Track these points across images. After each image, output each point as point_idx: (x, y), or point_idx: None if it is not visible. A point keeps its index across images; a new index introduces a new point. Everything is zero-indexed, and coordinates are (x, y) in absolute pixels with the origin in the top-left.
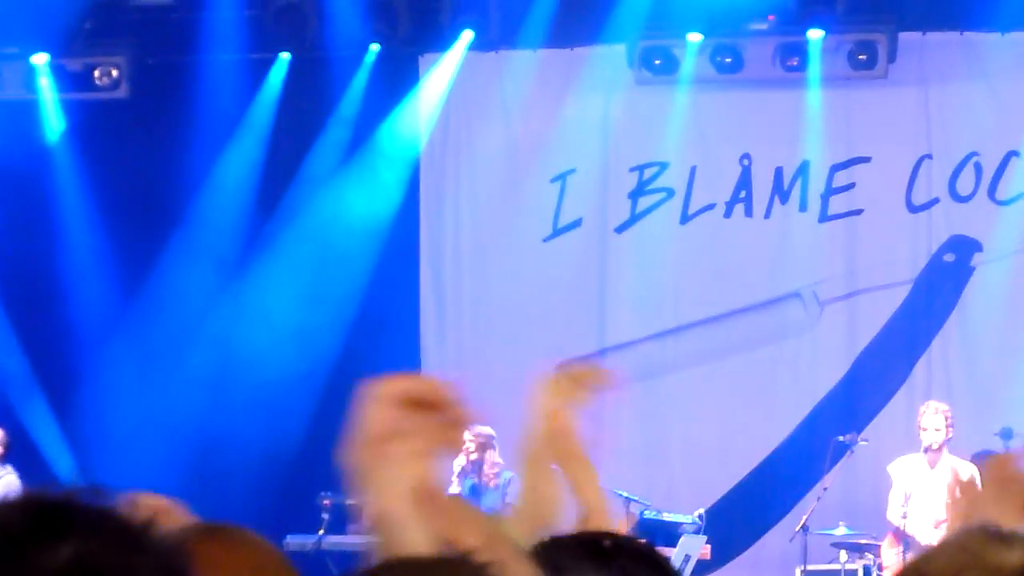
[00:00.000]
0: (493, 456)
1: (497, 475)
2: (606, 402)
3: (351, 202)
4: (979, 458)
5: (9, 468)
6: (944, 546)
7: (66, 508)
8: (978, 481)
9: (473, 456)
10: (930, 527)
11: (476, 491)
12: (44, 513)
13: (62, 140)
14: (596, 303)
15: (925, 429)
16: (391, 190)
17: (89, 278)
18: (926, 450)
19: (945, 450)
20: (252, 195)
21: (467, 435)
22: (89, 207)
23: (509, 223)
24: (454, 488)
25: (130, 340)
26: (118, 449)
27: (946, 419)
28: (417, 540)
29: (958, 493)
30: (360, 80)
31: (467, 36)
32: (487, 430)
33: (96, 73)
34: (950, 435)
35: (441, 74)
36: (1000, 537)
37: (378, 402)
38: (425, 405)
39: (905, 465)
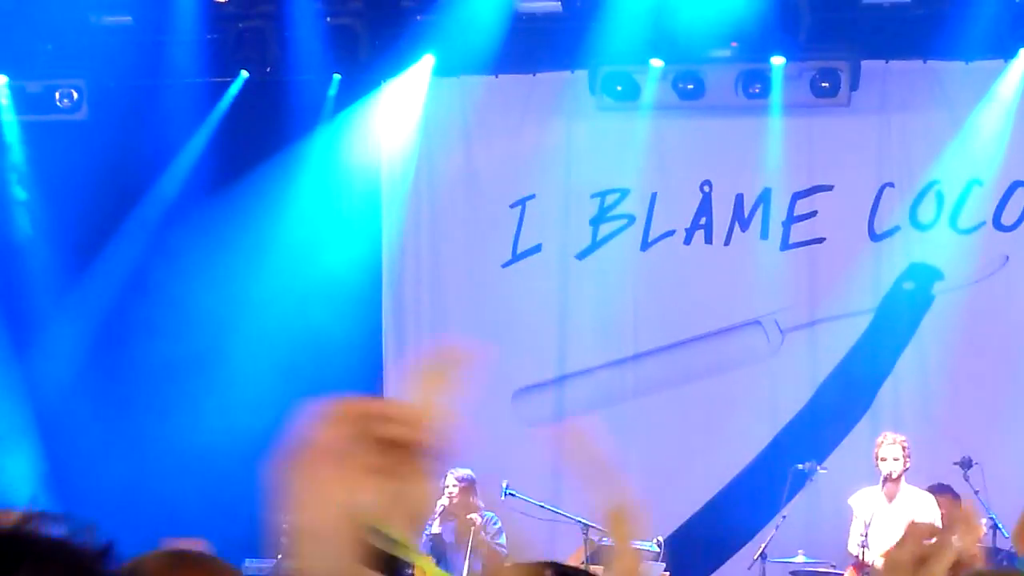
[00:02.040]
0: (475, 500)
1: (486, 521)
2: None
3: (311, 227)
4: (935, 491)
5: None
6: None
7: (17, 539)
8: (935, 511)
9: (456, 500)
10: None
11: (452, 532)
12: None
13: (21, 161)
14: (556, 329)
15: (884, 459)
16: (352, 214)
17: (42, 300)
18: (884, 481)
19: (903, 480)
20: (208, 219)
21: (450, 478)
22: (46, 228)
23: (469, 248)
24: (434, 529)
25: (86, 365)
26: (75, 471)
27: (903, 449)
28: (337, 565)
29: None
30: (321, 104)
31: (428, 61)
32: (466, 472)
33: (56, 95)
34: (907, 465)
35: (402, 99)
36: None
37: (333, 420)
38: (389, 431)
39: (864, 497)
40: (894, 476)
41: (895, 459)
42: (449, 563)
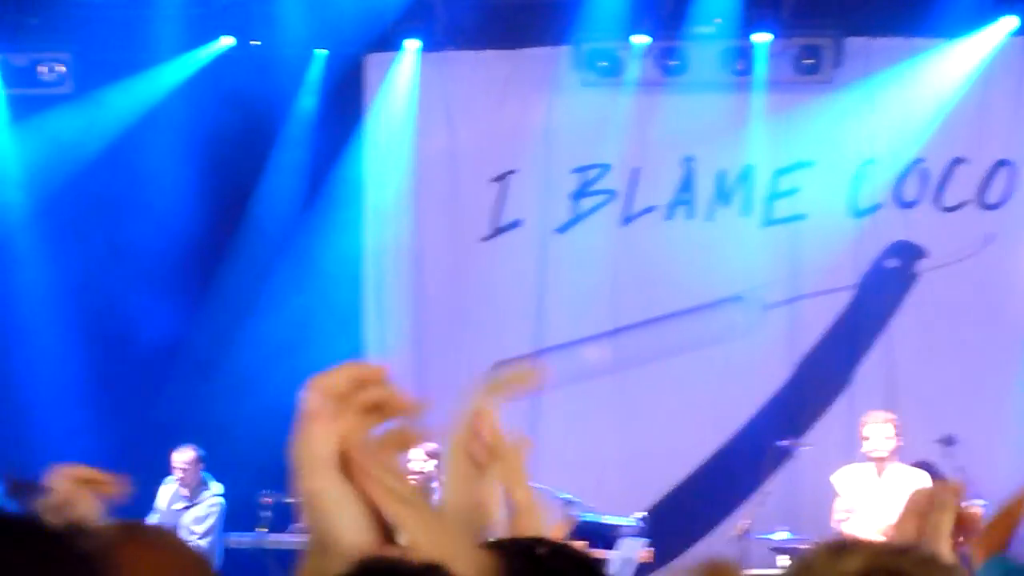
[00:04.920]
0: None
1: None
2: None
3: (291, 198)
4: (918, 467)
5: None
6: (793, 562)
7: None
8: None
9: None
10: (877, 535)
11: None
12: None
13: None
14: (535, 303)
15: (867, 438)
16: (333, 187)
17: (26, 275)
18: (872, 459)
19: (895, 460)
20: (193, 187)
21: (417, 453)
22: (32, 201)
23: (450, 222)
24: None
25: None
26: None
27: (894, 428)
28: (347, 522)
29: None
30: (306, 79)
31: (412, 38)
32: (435, 446)
33: (42, 69)
34: (900, 443)
35: (386, 74)
36: (841, 547)
37: (320, 389)
38: (364, 390)
39: (849, 475)
40: (883, 454)
41: (887, 437)
42: None
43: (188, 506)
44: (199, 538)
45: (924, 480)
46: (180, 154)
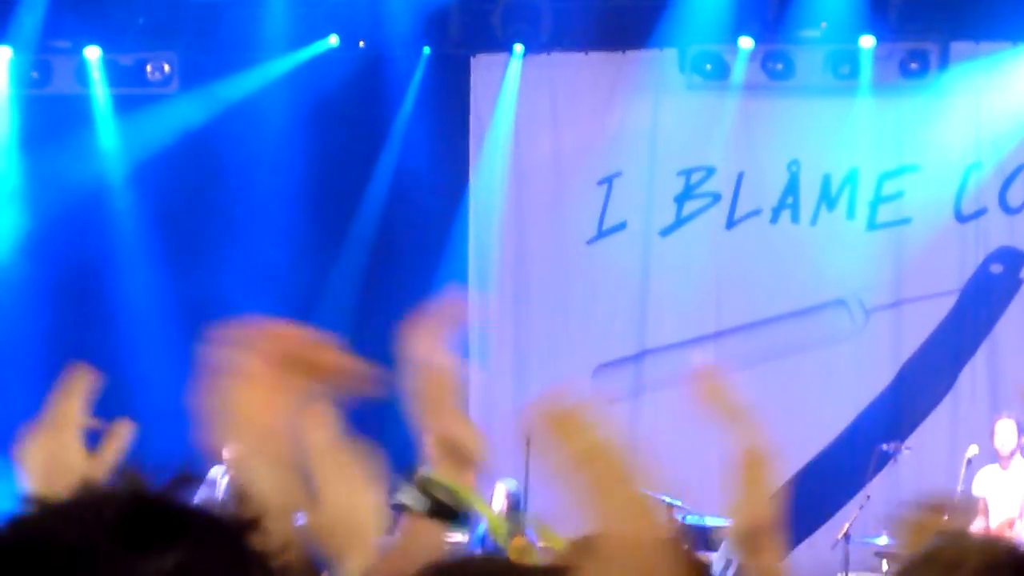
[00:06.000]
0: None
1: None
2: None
3: (401, 200)
4: None
5: None
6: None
7: (174, 512)
8: None
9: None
10: (1003, 528)
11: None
12: (154, 516)
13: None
14: (638, 306)
15: (995, 434)
16: (441, 189)
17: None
18: (999, 458)
19: (1018, 455)
20: (299, 187)
21: (499, 490)
22: (139, 200)
23: (555, 224)
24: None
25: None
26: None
27: (1016, 427)
28: (269, 477)
29: None
30: (412, 79)
31: (518, 40)
32: (513, 484)
33: (148, 68)
34: (1021, 442)
35: (492, 75)
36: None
37: (250, 346)
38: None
39: (982, 475)
40: (1004, 452)
41: (1010, 436)
42: None
43: None
44: None
45: None
46: (284, 156)
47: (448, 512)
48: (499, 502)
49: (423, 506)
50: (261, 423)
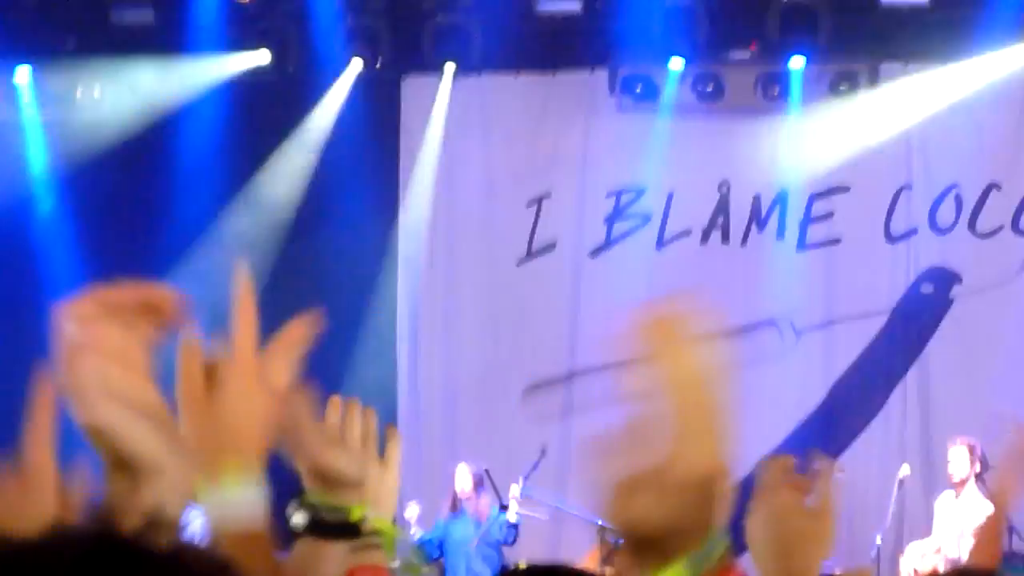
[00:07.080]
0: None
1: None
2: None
3: (330, 222)
4: None
5: None
6: None
7: (140, 554)
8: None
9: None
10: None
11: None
12: (118, 557)
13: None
14: (568, 327)
15: (949, 462)
16: (371, 211)
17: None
18: (951, 484)
19: (972, 482)
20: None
21: (462, 471)
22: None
23: (485, 245)
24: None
25: None
26: None
27: (969, 452)
28: (146, 440)
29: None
30: (341, 100)
31: (448, 60)
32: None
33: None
34: (976, 469)
35: (423, 96)
36: None
37: (70, 319)
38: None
39: (940, 502)
40: (955, 480)
41: (961, 462)
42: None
43: None
44: None
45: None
46: (211, 175)
47: (335, 529)
48: (465, 482)
49: (310, 525)
50: (121, 382)
